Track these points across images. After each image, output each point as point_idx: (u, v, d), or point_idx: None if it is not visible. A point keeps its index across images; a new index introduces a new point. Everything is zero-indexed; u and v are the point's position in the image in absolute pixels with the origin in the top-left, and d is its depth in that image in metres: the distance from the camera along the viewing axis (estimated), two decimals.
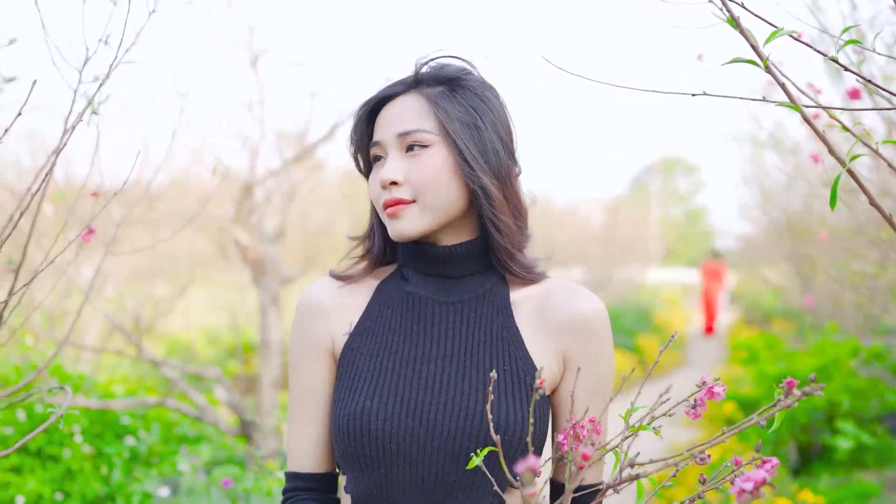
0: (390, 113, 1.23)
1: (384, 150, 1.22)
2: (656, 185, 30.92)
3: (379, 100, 1.24)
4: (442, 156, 1.19)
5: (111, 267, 6.13)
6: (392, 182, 1.19)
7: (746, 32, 0.92)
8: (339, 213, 9.07)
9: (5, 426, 3.59)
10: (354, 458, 1.16)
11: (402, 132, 1.20)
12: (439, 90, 1.22)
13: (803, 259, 7.50)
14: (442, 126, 1.20)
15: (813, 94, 2.39)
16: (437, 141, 1.19)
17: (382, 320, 1.23)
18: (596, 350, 1.21)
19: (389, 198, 1.19)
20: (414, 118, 1.20)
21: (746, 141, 7.64)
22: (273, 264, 4.70)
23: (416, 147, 1.19)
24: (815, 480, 4.48)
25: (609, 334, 1.23)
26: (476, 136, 1.20)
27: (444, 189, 1.18)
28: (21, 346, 4.66)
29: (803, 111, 0.94)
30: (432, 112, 1.20)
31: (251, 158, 4.87)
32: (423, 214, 1.19)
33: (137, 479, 3.79)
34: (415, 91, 1.23)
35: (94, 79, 1.60)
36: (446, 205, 1.19)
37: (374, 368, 1.19)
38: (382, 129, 1.23)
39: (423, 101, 1.21)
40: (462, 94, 1.22)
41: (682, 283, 22.11)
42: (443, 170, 1.18)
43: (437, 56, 1.27)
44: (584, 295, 1.23)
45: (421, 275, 1.24)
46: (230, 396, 4.56)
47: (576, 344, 1.21)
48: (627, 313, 12.21)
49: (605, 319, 1.22)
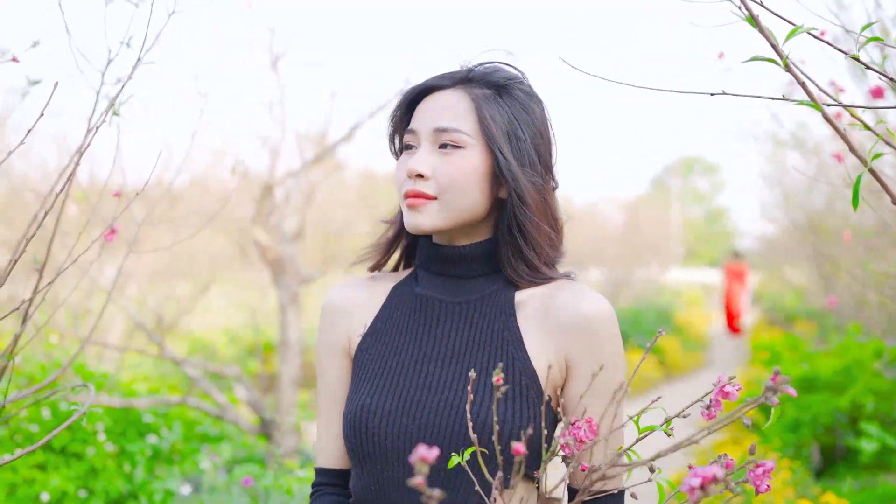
0: (432, 104, 1.23)
1: (417, 139, 1.22)
2: (676, 185, 30.71)
3: (424, 88, 1.25)
4: (473, 159, 1.19)
5: (133, 266, 6.19)
6: (419, 175, 1.19)
7: (766, 30, 0.91)
8: (358, 213, 9.10)
9: (30, 423, 3.64)
10: (355, 455, 1.19)
11: (439, 128, 1.20)
12: (486, 93, 1.21)
13: (826, 259, 7.41)
14: (481, 129, 1.20)
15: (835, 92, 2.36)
16: (471, 144, 1.19)
17: (392, 321, 1.26)
18: (598, 352, 1.17)
19: (412, 189, 1.20)
20: (454, 116, 1.20)
21: (767, 140, 7.57)
22: (292, 264, 4.72)
23: (449, 146, 1.20)
24: (839, 483, 4.43)
25: (614, 336, 1.19)
26: (514, 145, 1.20)
27: (469, 192, 1.19)
28: (46, 345, 4.72)
29: (824, 110, 0.93)
30: (474, 113, 1.20)
31: (271, 159, 4.90)
32: (441, 212, 1.19)
33: (160, 478, 3.82)
34: (462, 88, 1.22)
35: (116, 80, 1.62)
36: (467, 208, 1.20)
37: (380, 368, 1.22)
38: (420, 118, 1.23)
39: (468, 100, 1.21)
40: (508, 101, 1.21)
41: (702, 284, 21.94)
42: (471, 173, 1.19)
43: (491, 59, 1.27)
44: (586, 295, 1.20)
45: (433, 275, 1.26)
46: (250, 395, 4.60)
47: (577, 345, 1.18)
48: (647, 314, 12.14)
49: (609, 320, 1.19)
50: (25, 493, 3.42)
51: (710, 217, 40.49)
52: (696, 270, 26.39)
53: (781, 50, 0.91)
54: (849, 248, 5.84)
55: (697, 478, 0.65)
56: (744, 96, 1.10)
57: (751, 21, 0.91)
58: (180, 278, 7.55)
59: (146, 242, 5.25)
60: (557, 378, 1.19)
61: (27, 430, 3.62)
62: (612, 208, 16.35)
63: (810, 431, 4.95)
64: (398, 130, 1.29)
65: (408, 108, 1.27)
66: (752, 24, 0.91)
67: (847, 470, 4.72)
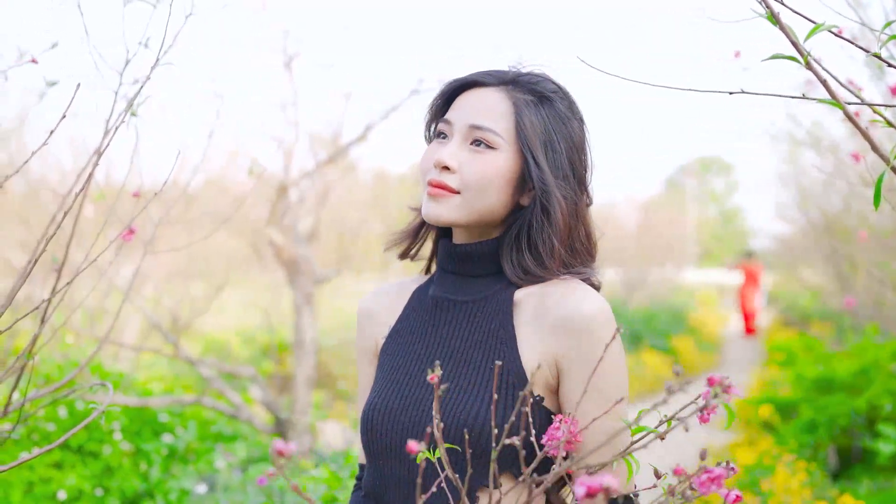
0: (472, 100, 1.23)
1: (451, 130, 1.23)
2: (692, 186, 30.55)
3: (468, 82, 1.25)
4: (503, 162, 1.20)
5: (149, 267, 6.23)
6: (445, 167, 1.20)
7: (787, 28, 0.90)
8: (371, 213, 9.12)
9: (48, 422, 3.67)
10: (366, 451, 1.25)
11: (475, 125, 1.20)
12: (528, 99, 1.21)
13: (843, 259, 7.36)
14: (516, 134, 1.20)
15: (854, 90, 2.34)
16: (503, 146, 1.20)
17: (409, 323, 1.29)
18: (589, 352, 1.14)
19: (436, 179, 1.20)
20: (491, 116, 1.20)
21: (783, 140, 7.52)
22: (307, 264, 4.74)
23: (481, 144, 1.20)
24: (856, 485, 4.39)
25: (607, 335, 1.14)
26: (549, 155, 1.20)
27: (491, 194, 1.19)
28: (62, 345, 4.76)
29: (846, 108, 0.92)
30: (512, 117, 1.20)
31: (285, 160, 4.91)
32: (460, 208, 1.20)
33: (175, 476, 3.84)
34: (504, 90, 1.22)
35: (133, 81, 1.63)
36: (487, 208, 1.20)
37: (391, 368, 1.26)
38: (458, 111, 1.23)
39: (509, 103, 1.21)
40: (548, 111, 1.21)
41: (718, 284, 21.83)
42: (498, 175, 1.19)
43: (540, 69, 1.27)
44: (577, 294, 1.17)
45: (447, 274, 1.28)
46: (265, 395, 4.61)
47: (566, 346, 1.15)
48: (662, 314, 12.09)
49: (601, 320, 1.15)
50: (42, 491, 3.45)
51: (725, 217, 40.27)
52: (711, 271, 26.25)
53: (803, 48, 0.90)
54: (866, 248, 5.79)
55: (583, 486, 0.64)
56: (763, 95, 1.09)
57: (771, 19, 0.90)
58: (195, 279, 7.59)
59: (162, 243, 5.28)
60: (549, 378, 1.17)
61: (44, 429, 3.65)
62: (628, 208, 16.29)
63: (827, 433, 4.91)
64: (435, 118, 1.30)
65: (448, 98, 1.27)
66: (773, 22, 0.91)
67: (864, 472, 4.68)
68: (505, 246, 1.23)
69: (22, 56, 1.75)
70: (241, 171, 6.65)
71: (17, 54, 1.76)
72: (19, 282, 1.45)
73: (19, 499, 3.38)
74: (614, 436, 0.81)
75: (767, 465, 4.43)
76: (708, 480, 0.85)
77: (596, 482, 0.62)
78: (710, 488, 0.86)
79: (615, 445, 1.12)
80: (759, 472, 4.36)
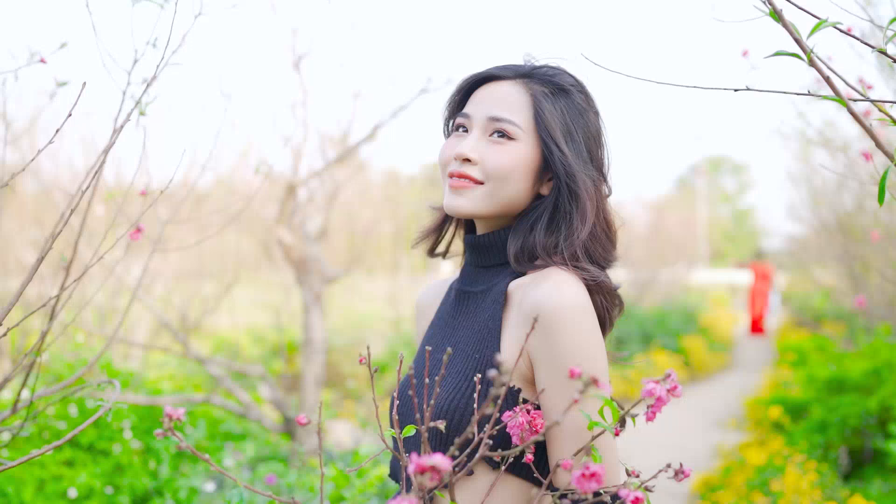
0: (490, 93, 1.24)
1: (470, 124, 1.24)
2: (702, 185, 30.41)
3: (486, 76, 1.27)
4: (523, 152, 1.21)
5: (159, 266, 6.26)
6: (466, 159, 1.21)
7: (789, 25, 0.90)
8: (382, 213, 9.14)
9: (58, 420, 3.69)
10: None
11: (493, 116, 1.22)
12: (545, 90, 1.23)
13: (855, 259, 7.31)
14: (535, 124, 1.21)
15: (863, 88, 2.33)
16: (523, 137, 1.21)
17: (439, 315, 1.35)
18: (552, 343, 1.10)
19: (458, 171, 1.22)
20: (510, 107, 1.22)
21: (794, 138, 7.48)
22: (316, 263, 4.74)
23: (502, 135, 1.21)
24: (867, 486, 4.36)
25: (572, 327, 1.10)
26: (570, 141, 1.21)
27: (514, 182, 1.21)
28: (73, 343, 4.79)
29: (849, 105, 0.92)
30: (531, 108, 1.22)
31: (294, 159, 4.92)
32: (484, 198, 1.21)
33: (185, 475, 3.86)
34: (522, 82, 1.24)
35: (142, 80, 1.64)
36: (509, 198, 1.22)
37: (417, 356, 1.34)
38: (476, 104, 1.25)
39: (526, 94, 1.22)
40: (566, 102, 1.23)
41: (729, 284, 21.72)
42: (519, 164, 1.21)
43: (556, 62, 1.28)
44: (549, 283, 1.14)
45: (468, 266, 1.32)
46: (274, 394, 4.62)
47: (534, 336, 1.12)
48: (673, 314, 12.04)
49: (564, 310, 1.10)
50: (53, 489, 3.47)
51: (737, 217, 40.07)
52: (723, 271, 26.12)
53: (806, 45, 0.90)
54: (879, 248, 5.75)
55: (413, 464, 0.64)
56: (768, 92, 1.09)
57: (774, 16, 0.90)
58: (205, 278, 7.61)
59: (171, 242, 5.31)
60: (524, 370, 1.15)
61: (54, 427, 3.67)
62: (637, 208, 16.24)
63: (838, 433, 4.88)
64: (453, 114, 1.31)
65: (466, 93, 1.29)
66: (776, 19, 0.90)
67: (875, 472, 4.64)
68: (518, 229, 1.23)
69: (32, 56, 1.77)
70: (251, 171, 6.68)
71: (28, 55, 1.78)
72: (27, 278, 1.46)
73: (31, 496, 3.40)
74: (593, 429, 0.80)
75: (778, 466, 4.40)
76: (583, 477, 0.79)
77: (426, 461, 0.63)
78: (589, 485, 0.79)
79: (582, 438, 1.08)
80: (770, 472, 4.34)
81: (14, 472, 3.39)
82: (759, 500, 4.02)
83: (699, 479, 5.02)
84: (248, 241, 7.54)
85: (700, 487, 4.92)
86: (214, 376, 4.56)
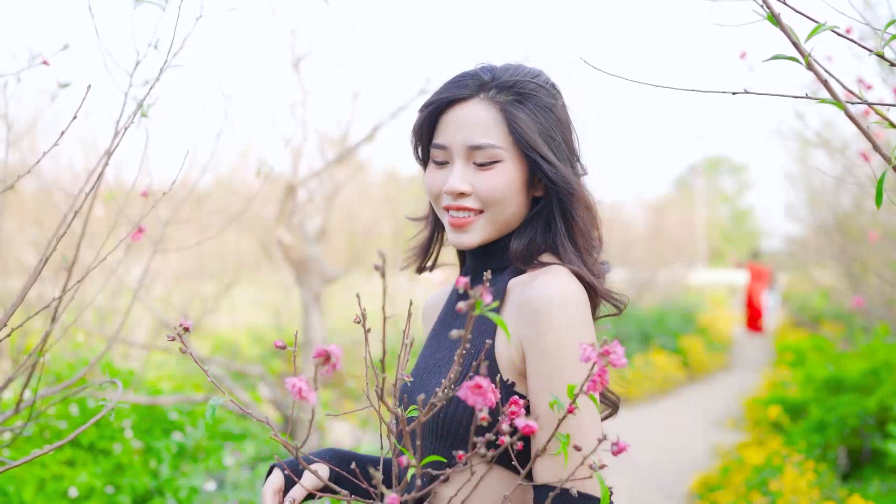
0: (458, 118, 1.22)
1: (450, 155, 1.23)
2: (701, 185, 30.44)
3: (449, 100, 1.23)
4: (511, 171, 1.21)
5: (159, 266, 6.27)
6: (460, 193, 1.22)
7: (787, 28, 0.91)
8: (382, 213, 9.14)
9: (59, 420, 3.70)
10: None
11: (473, 146, 1.21)
12: (509, 98, 1.21)
13: (853, 259, 7.33)
14: (513, 140, 1.21)
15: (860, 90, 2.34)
16: (506, 156, 1.21)
17: (439, 318, 1.37)
18: (542, 331, 1.11)
19: (455, 204, 1.23)
20: (485, 130, 1.20)
21: (793, 139, 7.49)
22: (315, 264, 4.75)
23: (486, 161, 1.21)
24: (865, 486, 4.37)
25: (560, 323, 1.11)
26: (553, 145, 1.22)
27: (511, 203, 1.23)
28: (73, 343, 4.80)
29: (847, 107, 0.93)
30: (504, 124, 1.21)
31: (294, 159, 4.93)
32: (486, 226, 1.24)
33: (185, 474, 3.87)
34: (485, 97, 1.22)
35: (144, 82, 1.65)
36: (512, 217, 1.24)
37: (419, 356, 1.36)
38: (450, 134, 1.23)
39: (494, 110, 1.21)
40: (534, 102, 1.22)
41: (728, 284, 21.75)
42: (510, 185, 1.21)
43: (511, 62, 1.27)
44: (545, 277, 1.16)
45: (468, 271, 1.34)
46: (273, 393, 4.63)
47: (525, 330, 1.14)
48: (672, 314, 12.05)
49: (555, 306, 1.11)
50: (54, 488, 3.47)
51: (736, 217, 40.10)
52: (721, 271, 26.15)
53: (803, 48, 0.91)
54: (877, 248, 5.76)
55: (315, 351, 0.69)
56: (766, 95, 1.10)
57: (772, 20, 0.91)
58: (205, 278, 7.62)
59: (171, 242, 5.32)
60: (516, 362, 1.16)
61: (55, 426, 3.68)
62: (636, 209, 16.25)
63: (837, 433, 4.89)
64: (422, 141, 1.29)
65: (433, 118, 1.26)
66: (774, 23, 0.91)
67: (874, 472, 4.66)
68: (520, 234, 1.25)
69: (34, 58, 1.77)
70: (251, 171, 6.69)
71: (29, 56, 1.78)
72: (30, 281, 1.47)
73: (31, 495, 3.41)
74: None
75: (776, 466, 4.41)
76: (470, 388, 0.79)
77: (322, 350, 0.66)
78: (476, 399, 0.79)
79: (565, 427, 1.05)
80: (768, 472, 4.35)
81: (15, 471, 3.40)
82: (758, 499, 4.02)
83: (698, 479, 5.02)
84: (248, 241, 7.54)
85: (698, 487, 4.93)
86: (214, 376, 4.57)
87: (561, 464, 1.06)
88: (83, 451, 3.73)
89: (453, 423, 1.17)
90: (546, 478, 1.10)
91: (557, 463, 1.08)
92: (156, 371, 6.49)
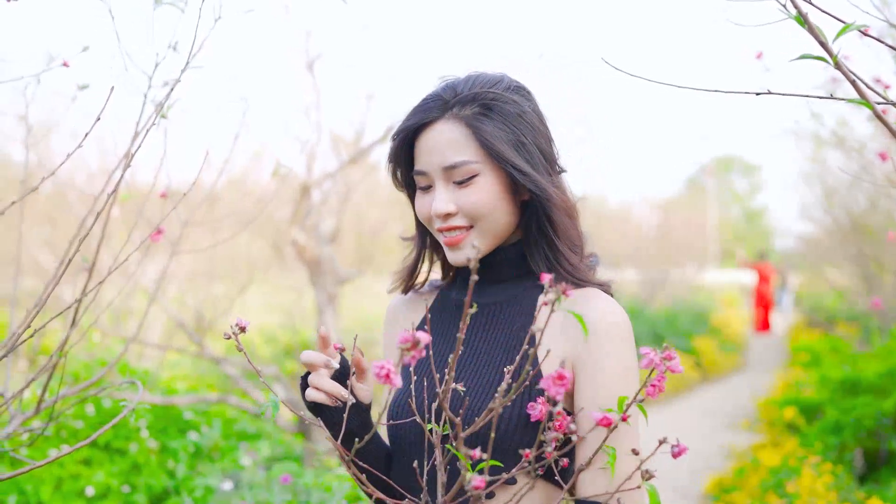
0: (431, 142, 1.24)
1: (430, 179, 1.25)
2: (712, 185, 30.30)
3: (418, 126, 1.25)
4: (489, 182, 1.22)
5: (173, 267, 6.29)
6: (447, 214, 1.23)
7: (815, 28, 0.90)
8: (391, 214, 9.15)
9: (76, 420, 3.72)
10: (390, 442, 1.30)
11: (448, 166, 1.22)
12: (474, 111, 1.22)
13: (869, 260, 7.27)
14: (485, 152, 1.21)
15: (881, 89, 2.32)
16: (482, 169, 1.22)
17: (433, 325, 1.34)
18: (600, 359, 1.16)
19: (446, 225, 1.24)
20: (457, 149, 1.22)
21: (808, 139, 7.45)
22: (329, 264, 4.76)
23: (464, 178, 1.22)
24: (883, 488, 4.33)
25: (618, 346, 1.16)
26: (523, 155, 1.22)
27: (499, 213, 1.23)
28: (89, 344, 4.82)
29: (875, 108, 0.92)
30: (473, 138, 1.21)
31: (308, 161, 4.94)
32: (479, 238, 1.24)
33: (201, 474, 3.88)
34: (452, 115, 1.23)
35: (163, 84, 1.66)
36: (502, 227, 1.25)
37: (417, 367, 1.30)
38: (426, 159, 1.25)
39: (462, 126, 1.22)
40: (499, 110, 1.22)
41: (740, 285, 21.65)
42: (492, 195, 1.22)
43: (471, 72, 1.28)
44: (599, 303, 1.19)
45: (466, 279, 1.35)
46: (288, 394, 4.64)
47: (583, 350, 1.17)
48: (684, 315, 12.01)
49: (615, 330, 1.17)
50: (71, 487, 3.50)
51: (748, 217, 39.91)
52: (733, 271, 26.02)
53: (831, 48, 0.90)
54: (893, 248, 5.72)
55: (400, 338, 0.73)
56: (789, 95, 1.09)
57: (799, 20, 0.90)
58: (219, 279, 7.65)
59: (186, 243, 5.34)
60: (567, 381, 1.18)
61: (72, 426, 3.70)
62: (646, 209, 16.20)
63: (853, 435, 4.86)
64: (400, 166, 1.32)
65: (407, 146, 1.28)
66: (800, 23, 0.91)
67: (891, 474, 4.62)
68: (533, 247, 1.26)
69: (52, 60, 1.78)
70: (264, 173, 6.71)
71: (48, 58, 1.79)
72: (52, 284, 1.48)
73: (49, 494, 3.43)
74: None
75: (793, 467, 4.39)
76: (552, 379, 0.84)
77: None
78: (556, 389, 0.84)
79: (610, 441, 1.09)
80: (785, 473, 4.32)
81: (32, 471, 3.42)
82: (774, 501, 4.00)
83: (712, 480, 5.00)
84: (262, 242, 7.57)
85: (713, 489, 4.91)
86: (229, 376, 4.59)
87: (606, 477, 1.09)
88: (100, 450, 3.75)
89: (502, 447, 1.15)
90: (588, 492, 1.12)
91: (602, 477, 1.10)
92: (170, 371, 6.52)
